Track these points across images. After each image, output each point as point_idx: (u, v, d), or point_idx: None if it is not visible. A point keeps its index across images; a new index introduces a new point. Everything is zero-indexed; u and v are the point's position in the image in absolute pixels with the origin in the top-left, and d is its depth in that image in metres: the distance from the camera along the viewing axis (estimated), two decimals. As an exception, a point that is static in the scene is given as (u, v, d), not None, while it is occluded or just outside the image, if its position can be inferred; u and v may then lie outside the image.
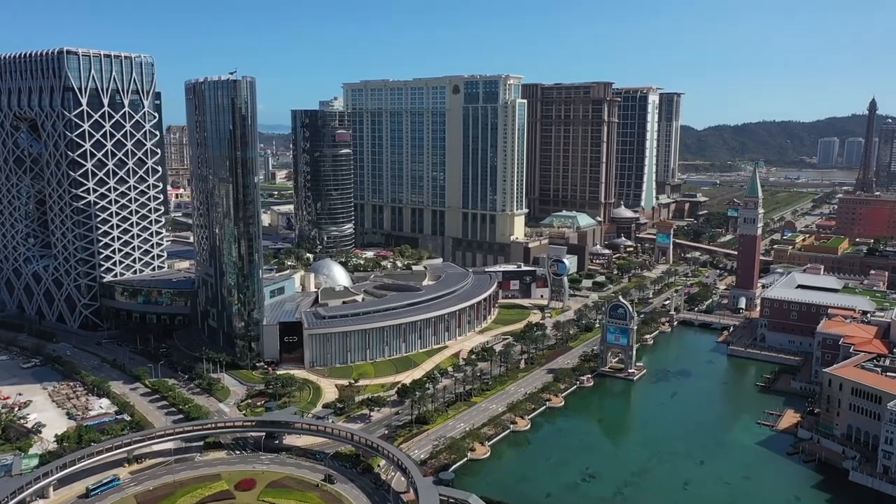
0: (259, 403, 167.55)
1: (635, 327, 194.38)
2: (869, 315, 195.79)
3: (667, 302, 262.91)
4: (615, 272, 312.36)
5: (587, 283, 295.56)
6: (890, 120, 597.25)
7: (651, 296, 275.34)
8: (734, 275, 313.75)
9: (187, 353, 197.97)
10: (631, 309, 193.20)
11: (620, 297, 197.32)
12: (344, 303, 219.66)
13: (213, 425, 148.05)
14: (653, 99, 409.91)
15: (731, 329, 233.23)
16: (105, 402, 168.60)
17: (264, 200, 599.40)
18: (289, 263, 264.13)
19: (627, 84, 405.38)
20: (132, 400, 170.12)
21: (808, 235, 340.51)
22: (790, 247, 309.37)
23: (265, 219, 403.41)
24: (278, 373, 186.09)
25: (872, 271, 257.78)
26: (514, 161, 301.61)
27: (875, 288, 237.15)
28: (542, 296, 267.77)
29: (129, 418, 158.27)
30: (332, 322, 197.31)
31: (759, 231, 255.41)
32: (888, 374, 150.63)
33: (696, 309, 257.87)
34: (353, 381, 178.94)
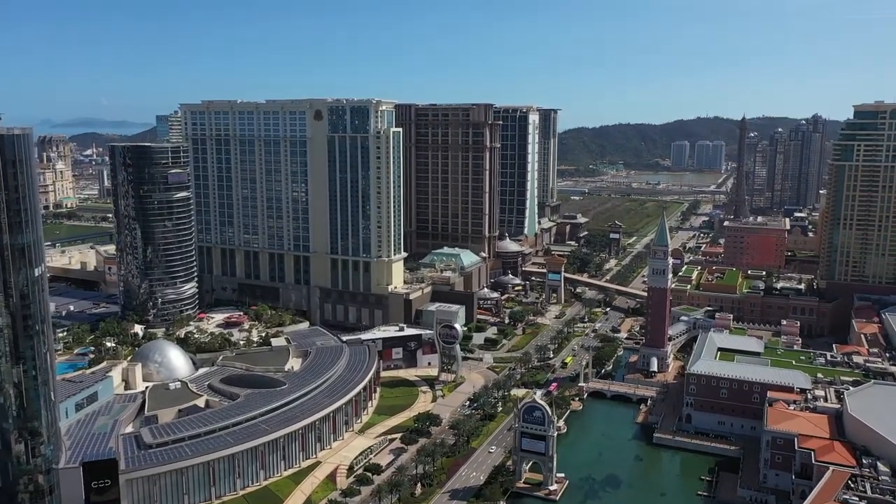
0: None
1: (555, 434, 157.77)
2: (809, 394, 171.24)
3: (572, 366, 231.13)
4: (507, 321, 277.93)
5: (478, 338, 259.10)
6: (753, 134, 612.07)
7: (552, 355, 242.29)
8: (632, 315, 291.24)
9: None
10: (549, 412, 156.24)
11: (537, 398, 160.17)
12: (180, 412, 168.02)
13: None
14: (533, 119, 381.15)
15: (650, 402, 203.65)
16: None
17: (95, 226, 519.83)
18: (109, 345, 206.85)
19: (501, 99, 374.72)
20: None
21: (699, 268, 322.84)
22: (688, 286, 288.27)
23: (89, 260, 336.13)
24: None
25: (784, 321, 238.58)
26: (391, 199, 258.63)
27: (796, 346, 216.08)
28: (429, 363, 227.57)
29: None
30: (160, 455, 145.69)
31: (670, 283, 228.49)
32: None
33: (604, 371, 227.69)
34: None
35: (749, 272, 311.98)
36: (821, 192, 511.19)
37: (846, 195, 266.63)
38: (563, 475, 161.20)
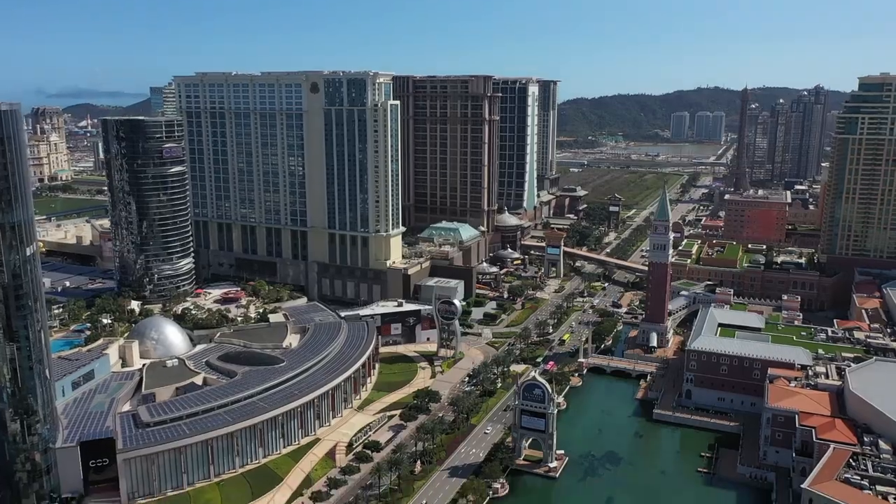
0: None
1: (556, 411, 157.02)
2: (810, 371, 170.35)
3: (571, 342, 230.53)
4: (506, 296, 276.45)
5: (477, 312, 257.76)
6: (754, 105, 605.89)
7: (551, 330, 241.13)
8: (632, 289, 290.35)
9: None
10: (550, 389, 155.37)
11: (537, 376, 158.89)
12: (178, 390, 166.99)
13: None
14: (532, 90, 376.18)
15: (649, 378, 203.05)
16: None
17: (91, 199, 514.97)
18: (106, 321, 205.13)
19: (500, 71, 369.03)
20: None
21: (699, 241, 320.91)
22: (688, 260, 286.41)
23: (85, 235, 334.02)
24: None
25: (785, 296, 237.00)
26: (388, 173, 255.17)
27: (796, 322, 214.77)
28: (428, 339, 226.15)
29: None
30: (158, 433, 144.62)
31: (671, 258, 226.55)
32: (877, 487, 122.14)
33: (603, 346, 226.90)
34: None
35: (749, 246, 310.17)
36: (822, 164, 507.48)
37: (849, 168, 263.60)
38: (562, 452, 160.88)
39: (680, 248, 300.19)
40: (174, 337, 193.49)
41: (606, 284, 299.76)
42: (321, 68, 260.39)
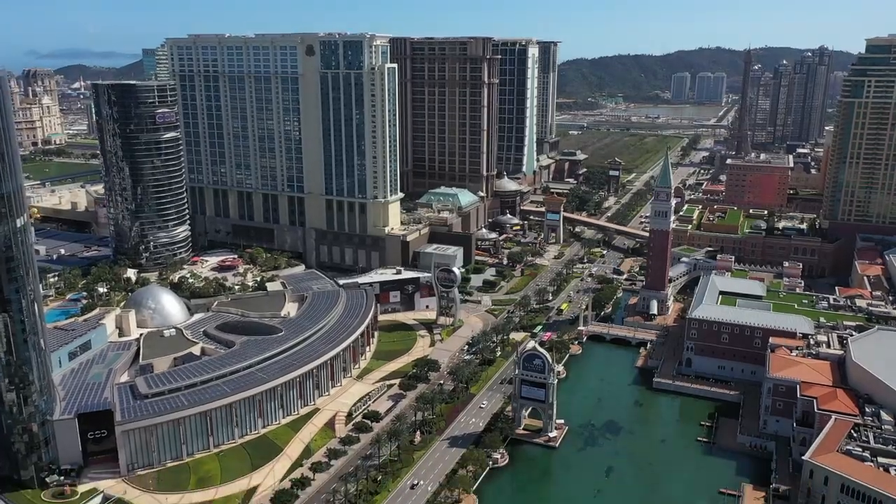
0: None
1: (556, 381, 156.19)
2: (811, 340, 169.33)
3: (570, 309, 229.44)
4: (505, 262, 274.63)
5: (476, 279, 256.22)
6: (757, 67, 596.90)
7: (551, 297, 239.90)
8: (631, 255, 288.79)
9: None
10: (550, 360, 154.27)
11: (537, 346, 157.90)
12: (176, 360, 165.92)
13: None
14: (532, 52, 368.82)
15: (649, 346, 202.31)
16: None
17: (86, 163, 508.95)
18: (102, 290, 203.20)
19: (498, 31, 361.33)
20: None
21: (699, 206, 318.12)
22: (689, 226, 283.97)
23: (80, 201, 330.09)
24: (80, 491, 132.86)
25: (786, 263, 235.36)
26: (386, 138, 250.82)
27: (798, 289, 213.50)
28: (427, 306, 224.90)
29: None
30: (156, 405, 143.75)
31: (672, 225, 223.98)
32: (879, 458, 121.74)
33: (603, 313, 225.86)
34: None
35: (751, 211, 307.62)
36: (826, 128, 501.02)
37: (854, 132, 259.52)
38: (562, 421, 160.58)
39: (680, 213, 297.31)
40: (171, 306, 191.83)
41: (606, 250, 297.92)
42: (316, 30, 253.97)
